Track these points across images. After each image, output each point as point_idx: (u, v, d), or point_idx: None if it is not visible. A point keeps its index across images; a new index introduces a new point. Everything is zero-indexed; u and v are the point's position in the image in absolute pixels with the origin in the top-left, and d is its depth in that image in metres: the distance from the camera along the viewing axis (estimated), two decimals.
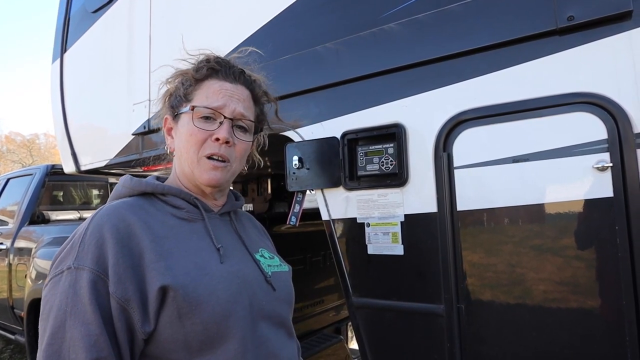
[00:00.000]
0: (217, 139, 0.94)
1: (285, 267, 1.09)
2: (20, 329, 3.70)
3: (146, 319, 0.79)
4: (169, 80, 1.05)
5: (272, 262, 1.05)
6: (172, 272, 0.82)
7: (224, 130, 0.94)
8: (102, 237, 0.80)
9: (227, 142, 0.95)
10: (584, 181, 1.06)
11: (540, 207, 1.11)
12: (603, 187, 1.04)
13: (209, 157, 0.95)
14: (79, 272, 0.78)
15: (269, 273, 1.00)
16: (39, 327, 0.79)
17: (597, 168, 1.04)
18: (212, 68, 0.98)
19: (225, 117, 0.95)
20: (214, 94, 0.96)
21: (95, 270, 0.78)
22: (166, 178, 1.06)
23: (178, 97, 0.99)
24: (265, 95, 1.09)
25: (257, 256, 1.02)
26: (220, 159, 0.95)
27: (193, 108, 0.95)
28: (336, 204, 1.48)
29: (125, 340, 0.78)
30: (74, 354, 0.73)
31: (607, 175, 1.03)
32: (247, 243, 1.02)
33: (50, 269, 0.83)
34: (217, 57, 1.02)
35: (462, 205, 1.22)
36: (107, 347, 0.75)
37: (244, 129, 1.00)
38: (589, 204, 1.05)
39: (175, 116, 1.00)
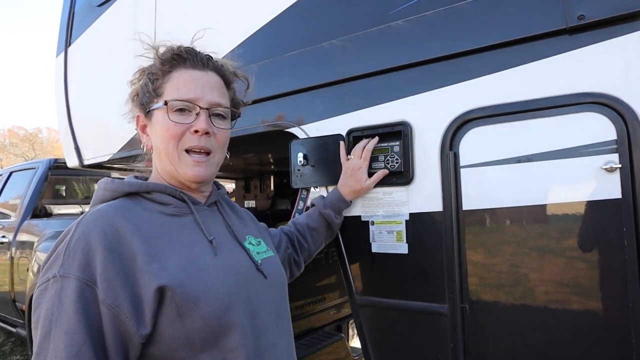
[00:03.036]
0: (196, 131, 0.92)
1: (272, 253, 1.09)
2: (22, 322, 3.71)
3: (141, 323, 0.77)
4: (133, 80, 1.01)
5: (260, 249, 1.05)
6: (167, 272, 0.80)
7: (202, 121, 0.92)
8: (89, 243, 0.78)
9: (206, 133, 0.93)
10: (592, 182, 1.05)
11: (547, 207, 1.10)
12: (611, 189, 1.02)
13: (190, 152, 0.93)
14: (65, 280, 0.76)
15: (259, 261, 1.00)
16: (32, 336, 0.78)
17: (606, 169, 1.03)
18: (179, 55, 0.95)
19: (201, 108, 0.93)
20: (185, 84, 0.93)
21: (82, 277, 0.76)
22: (145, 177, 1.03)
23: (147, 94, 0.96)
24: (234, 75, 1.06)
25: (246, 244, 1.02)
26: (202, 151, 0.94)
27: (166, 103, 0.91)
28: None
29: (117, 347, 0.76)
30: None
31: (616, 177, 1.02)
32: (236, 232, 1.02)
33: (39, 277, 0.81)
34: (181, 46, 0.97)
35: (467, 204, 1.21)
36: (91, 357, 0.73)
37: (221, 117, 0.98)
38: (597, 205, 1.04)
39: (148, 113, 0.97)
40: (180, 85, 0.93)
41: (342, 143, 1.44)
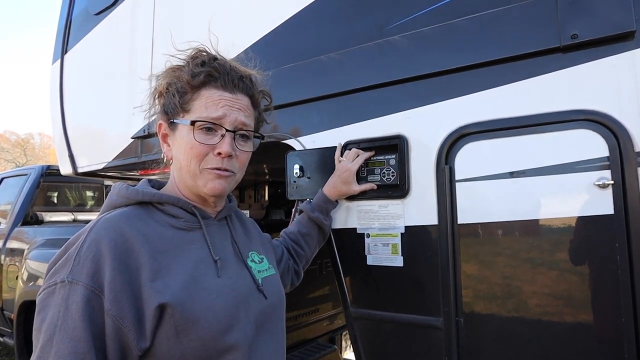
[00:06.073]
0: (219, 153, 0.92)
1: (273, 270, 1.09)
2: (10, 331, 3.64)
3: (142, 336, 0.78)
4: (159, 77, 1.00)
5: (262, 267, 1.05)
6: (170, 290, 0.81)
7: (226, 145, 0.92)
8: (99, 252, 0.79)
9: (229, 156, 0.93)
10: (585, 198, 1.06)
11: (541, 222, 1.12)
12: (604, 204, 1.04)
13: (211, 169, 0.93)
14: (73, 286, 0.76)
15: (260, 280, 1.00)
16: (33, 337, 0.78)
17: (598, 185, 1.04)
18: (210, 75, 0.94)
19: (227, 130, 0.93)
20: (214, 104, 0.93)
21: (90, 286, 0.76)
22: (159, 182, 1.04)
23: (173, 105, 0.96)
24: (262, 94, 1.07)
25: (249, 261, 1.02)
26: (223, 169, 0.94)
27: (193, 123, 0.92)
28: (336, 213, 1.48)
29: (116, 357, 0.76)
30: None
31: (608, 193, 1.04)
32: (241, 249, 1.02)
33: (44, 277, 0.81)
34: (214, 60, 0.97)
35: (463, 218, 1.22)
36: None
37: (245, 138, 0.99)
38: (590, 220, 1.06)
39: (171, 123, 0.97)
40: (209, 105, 0.93)
41: (339, 144, 1.46)
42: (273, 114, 1.16)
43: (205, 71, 0.94)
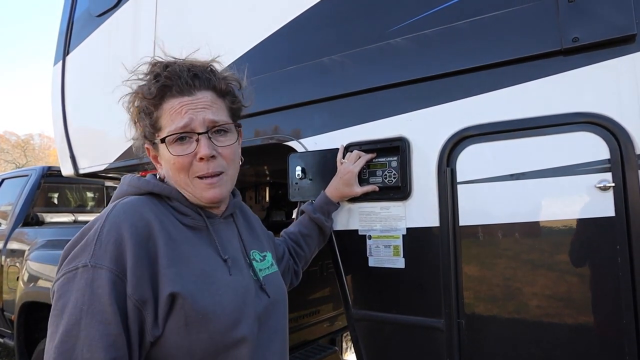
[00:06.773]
0: (201, 159, 0.92)
1: (275, 268, 1.11)
2: (10, 332, 3.64)
3: (156, 323, 0.79)
4: (129, 107, 1.00)
5: (263, 265, 1.06)
6: (182, 280, 0.82)
7: (203, 147, 0.91)
8: (121, 236, 0.79)
9: (212, 157, 0.93)
10: (586, 200, 1.07)
11: (542, 224, 1.12)
12: (605, 207, 1.05)
13: (202, 177, 0.93)
14: (97, 270, 0.76)
15: (262, 278, 1.01)
16: (50, 322, 0.77)
17: (599, 187, 1.05)
18: (164, 85, 0.92)
19: (199, 134, 0.92)
20: (177, 113, 0.92)
21: (115, 270, 0.77)
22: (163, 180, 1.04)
23: (147, 128, 0.96)
24: (225, 81, 1.01)
25: (251, 259, 1.03)
26: (213, 175, 0.94)
27: (163, 140, 0.92)
28: (338, 215, 1.48)
29: (137, 341, 0.78)
30: (90, 352, 0.72)
31: (609, 195, 1.04)
32: (246, 246, 1.04)
33: (60, 264, 0.81)
34: (164, 69, 0.94)
35: (464, 220, 1.22)
36: (124, 347, 0.75)
37: (223, 132, 0.97)
38: (591, 223, 1.06)
39: (153, 144, 0.98)
40: (173, 116, 0.92)
41: (341, 146, 1.46)
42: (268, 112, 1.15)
43: (157, 85, 0.93)
